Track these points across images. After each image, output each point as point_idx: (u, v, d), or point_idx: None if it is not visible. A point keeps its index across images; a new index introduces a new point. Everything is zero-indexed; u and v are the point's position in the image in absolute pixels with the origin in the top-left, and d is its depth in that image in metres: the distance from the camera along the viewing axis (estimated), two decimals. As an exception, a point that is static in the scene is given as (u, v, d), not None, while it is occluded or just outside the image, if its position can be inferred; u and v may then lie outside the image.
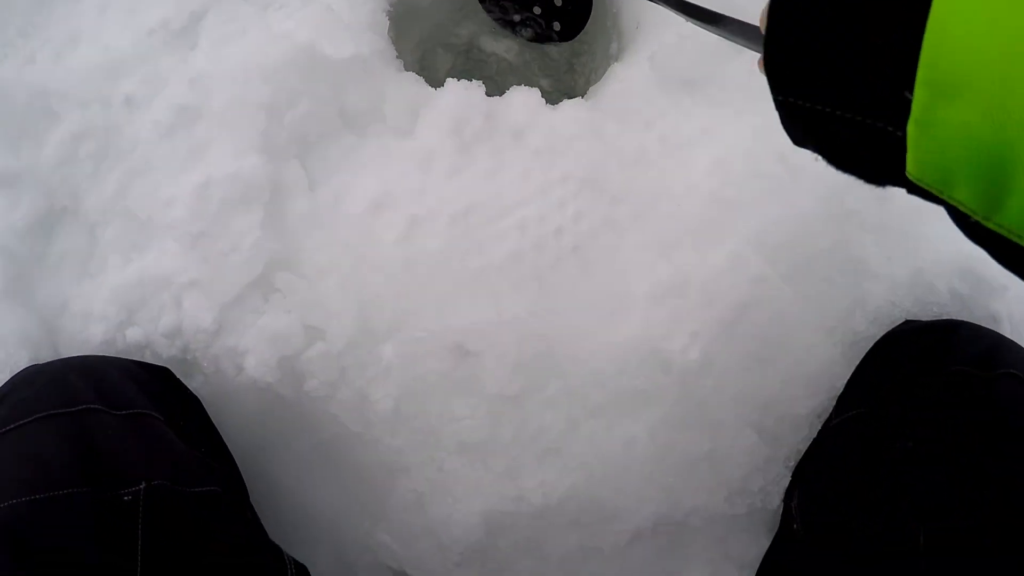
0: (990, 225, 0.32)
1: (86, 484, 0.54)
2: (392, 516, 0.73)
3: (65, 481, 0.54)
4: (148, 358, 0.73)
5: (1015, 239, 0.32)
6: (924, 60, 0.31)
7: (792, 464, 0.72)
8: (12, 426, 0.57)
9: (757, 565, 0.72)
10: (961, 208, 0.33)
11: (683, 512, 0.71)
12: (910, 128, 0.33)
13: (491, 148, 0.76)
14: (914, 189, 0.35)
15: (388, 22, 0.81)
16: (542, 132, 0.76)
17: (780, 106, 0.40)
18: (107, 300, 0.73)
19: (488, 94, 0.78)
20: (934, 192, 0.34)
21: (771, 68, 0.39)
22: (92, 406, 0.59)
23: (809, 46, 0.37)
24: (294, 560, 0.64)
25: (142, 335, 0.72)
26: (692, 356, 0.69)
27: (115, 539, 0.53)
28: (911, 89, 0.32)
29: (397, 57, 0.82)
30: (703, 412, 0.70)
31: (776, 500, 0.72)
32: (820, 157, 0.41)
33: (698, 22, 0.60)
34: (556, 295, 0.71)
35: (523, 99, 0.77)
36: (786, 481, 0.71)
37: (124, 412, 0.61)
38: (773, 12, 0.38)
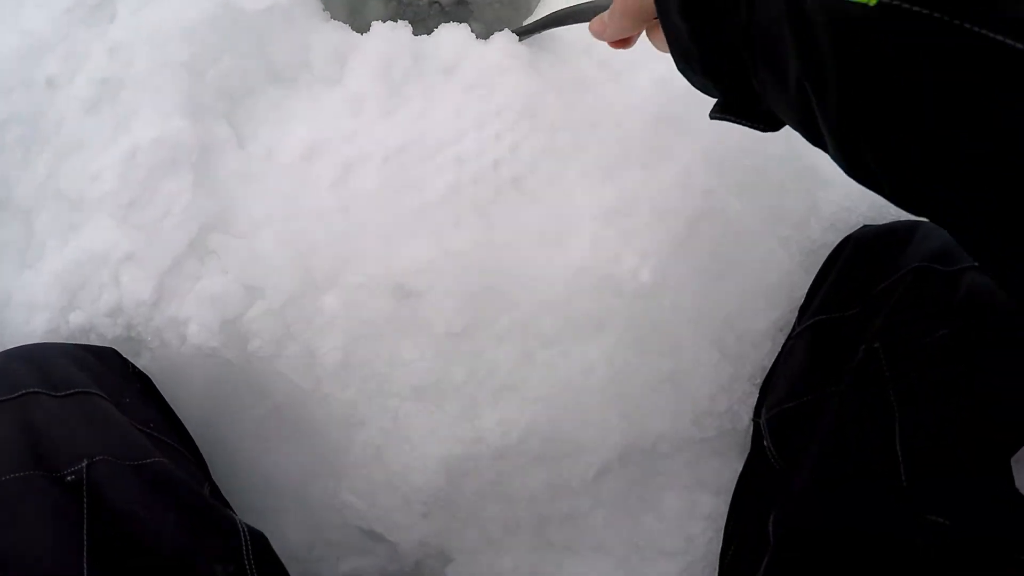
0: None
1: (36, 467, 0.54)
2: (353, 473, 0.72)
3: (13, 466, 0.53)
4: (94, 340, 0.72)
5: None
6: None
7: (759, 381, 0.70)
8: None
9: (731, 490, 0.70)
10: None
11: (650, 439, 0.69)
12: None
13: (422, 87, 0.74)
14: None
15: (309, -29, 0.80)
16: (474, 67, 0.75)
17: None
18: (48, 287, 0.72)
19: (418, 35, 0.77)
20: None
21: None
22: (32, 390, 0.59)
23: None
24: (249, 527, 0.63)
25: (85, 318, 0.71)
26: (644, 276, 0.68)
27: (62, 520, 0.52)
28: None
29: (324, 9, 0.81)
30: (661, 333, 0.68)
31: (745, 419, 0.70)
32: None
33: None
34: (499, 227, 0.70)
35: (452, 36, 0.76)
36: (753, 399, 0.70)
37: (65, 393, 0.60)
38: None
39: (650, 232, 0.68)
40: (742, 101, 0.49)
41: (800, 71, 0.37)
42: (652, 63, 0.74)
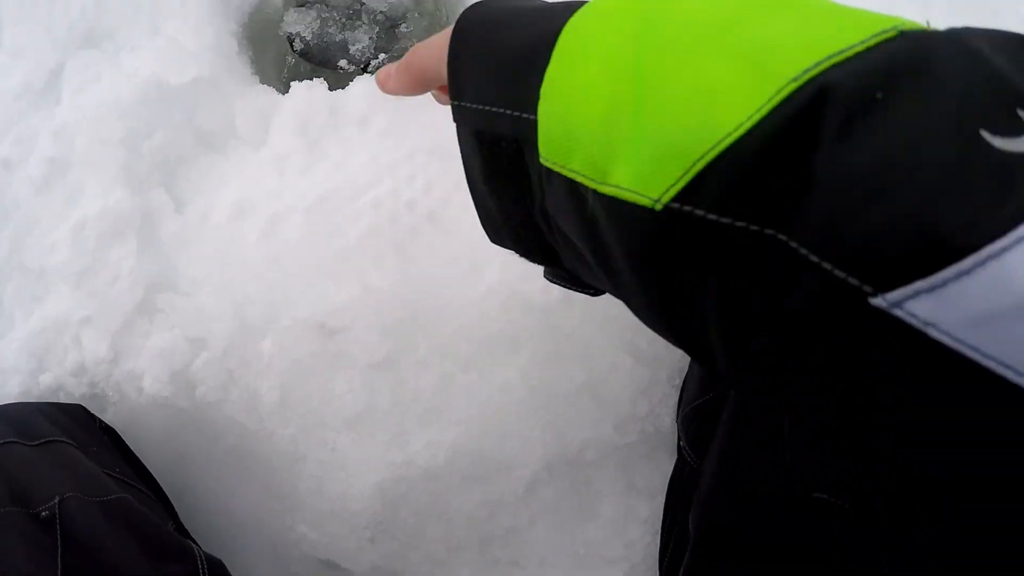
0: (605, 189, 0.32)
1: (13, 504, 0.60)
2: (303, 505, 0.77)
3: None
4: (63, 398, 0.79)
5: (631, 197, 0.31)
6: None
7: (677, 383, 0.73)
8: None
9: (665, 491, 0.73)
10: (580, 179, 0.34)
11: (574, 448, 0.73)
12: (540, 105, 0.36)
13: (338, 139, 0.80)
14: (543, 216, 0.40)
15: (235, 42, 0.87)
16: (385, 115, 0.81)
17: (456, 111, 0.44)
18: (18, 352, 0.79)
19: (335, 88, 0.84)
20: (557, 168, 0.35)
21: (451, 76, 0.43)
22: (8, 440, 0.66)
23: (479, 54, 0.41)
24: (206, 554, 0.69)
25: (53, 379, 0.79)
26: (552, 292, 0.72)
27: (39, 549, 0.59)
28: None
29: (254, 73, 0.88)
30: (573, 344, 0.72)
31: (667, 421, 0.73)
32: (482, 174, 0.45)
33: None
34: (416, 261, 0.75)
35: (363, 88, 0.82)
36: (674, 400, 0.72)
37: (37, 442, 0.67)
38: (454, 33, 0.43)
39: (556, 250, 0.72)
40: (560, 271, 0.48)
41: (593, 260, 0.37)
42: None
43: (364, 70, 0.89)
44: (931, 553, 0.30)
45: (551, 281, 0.54)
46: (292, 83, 0.83)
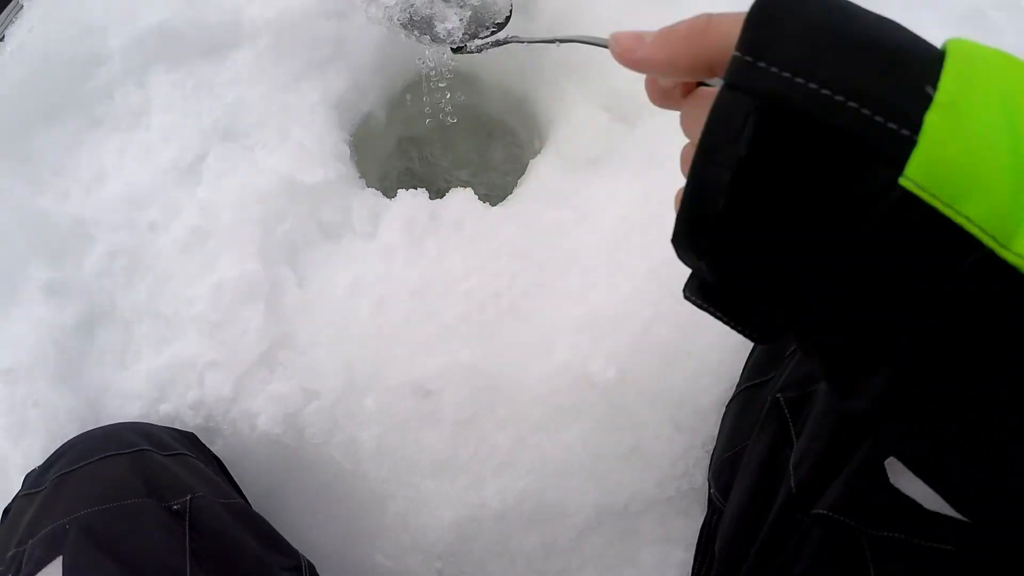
0: (1007, 255, 0.29)
1: (148, 497, 0.72)
2: (384, 537, 0.92)
3: (131, 494, 0.72)
4: (177, 426, 0.94)
5: None
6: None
7: (709, 448, 0.91)
8: (81, 464, 0.76)
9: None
10: (971, 229, 0.30)
11: (622, 500, 0.90)
12: (930, 116, 0.31)
13: (437, 239, 1.00)
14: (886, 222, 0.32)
15: (349, 149, 1.07)
16: (477, 222, 1.01)
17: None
18: (143, 381, 0.94)
19: (434, 197, 1.04)
20: (937, 204, 0.30)
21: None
22: (144, 448, 0.79)
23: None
24: (307, 559, 0.83)
25: (172, 408, 0.94)
26: (610, 372, 0.90)
27: (169, 533, 0.71)
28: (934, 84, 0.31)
29: (360, 177, 1.08)
30: (626, 416, 0.90)
31: (700, 480, 0.91)
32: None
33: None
34: (498, 342, 0.94)
35: (460, 198, 1.03)
36: (706, 462, 0.91)
37: (169, 453, 0.81)
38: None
39: (614, 337, 0.92)
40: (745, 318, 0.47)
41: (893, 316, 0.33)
42: (614, 206, 1.00)
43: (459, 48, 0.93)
44: None
45: (689, 297, 0.49)
46: (399, 190, 1.03)
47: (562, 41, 0.63)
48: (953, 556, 0.52)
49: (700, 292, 0.47)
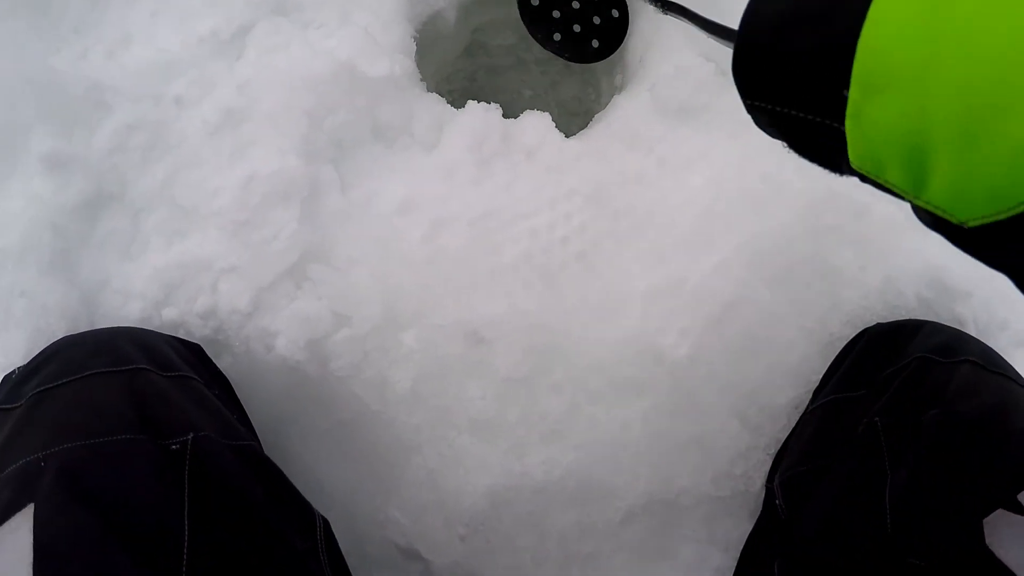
0: (919, 203, 0.39)
1: (142, 432, 0.61)
2: (404, 492, 0.82)
3: (121, 428, 0.60)
4: (181, 335, 0.82)
5: (941, 214, 0.38)
6: (857, 61, 0.39)
7: (772, 452, 0.83)
8: (65, 380, 0.64)
9: (739, 548, 0.82)
10: (895, 189, 0.40)
11: (673, 491, 0.82)
12: (847, 122, 0.41)
13: (507, 164, 0.88)
14: (860, 176, 0.43)
15: (415, 46, 0.94)
16: (552, 152, 0.89)
17: (749, 109, 0.51)
18: (147, 279, 0.81)
19: (507, 118, 0.92)
20: (871, 178, 0.41)
21: (738, 78, 0.50)
22: (141, 366, 0.67)
23: (767, 59, 0.47)
24: (321, 515, 0.73)
25: (177, 314, 0.81)
26: (682, 350, 0.81)
27: (165, 482, 0.60)
28: (848, 88, 0.40)
29: (421, 80, 0.95)
30: (692, 401, 0.81)
31: (757, 484, 0.83)
32: (788, 147, 0.52)
33: (705, 31, 0.72)
34: (562, 293, 0.83)
35: (535, 122, 0.91)
36: (766, 467, 0.83)
37: (170, 374, 0.69)
38: (740, 33, 0.49)
39: (691, 312, 0.82)
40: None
41: None
42: (704, 165, 0.89)
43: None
44: None
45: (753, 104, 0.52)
46: (469, 101, 0.90)
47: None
48: None
49: (769, 125, 0.52)
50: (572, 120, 0.97)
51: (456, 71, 1.09)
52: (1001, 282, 0.97)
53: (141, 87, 0.86)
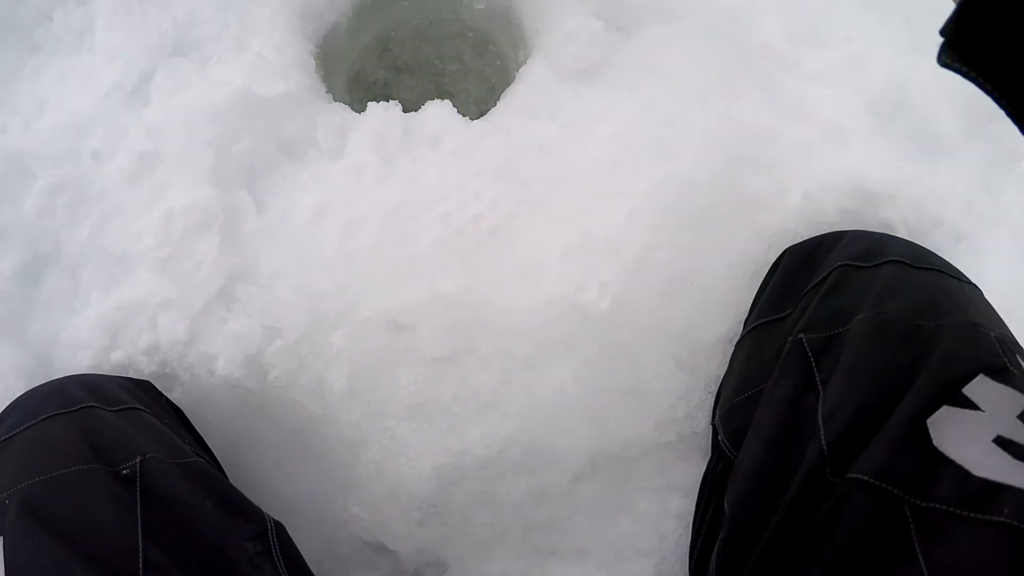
0: None
1: (95, 462, 0.67)
2: (360, 488, 0.85)
3: (75, 460, 0.66)
4: (132, 375, 0.87)
5: None
6: None
7: (713, 389, 0.83)
8: (22, 428, 0.70)
9: (698, 489, 0.82)
10: None
11: (618, 445, 0.83)
12: None
13: (412, 157, 0.91)
14: None
15: (314, 62, 0.98)
16: (455, 137, 0.92)
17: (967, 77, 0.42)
18: (92, 328, 0.87)
19: (408, 111, 0.95)
20: None
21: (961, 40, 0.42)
22: (89, 404, 0.72)
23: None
24: (273, 519, 0.76)
25: (125, 356, 0.87)
26: (604, 304, 0.82)
27: (119, 504, 0.65)
28: None
29: (327, 91, 0.99)
30: (622, 352, 0.82)
31: (703, 423, 0.83)
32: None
33: None
34: (480, 270, 0.85)
35: (436, 112, 0.94)
36: (710, 404, 0.83)
37: (117, 408, 0.74)
38: None
39: (608, 265, 0.83)
40: None
41: None
42: (608, 120, 0.90)
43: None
44: None
45: (948, 64, 0.44)
46: (369, 103, 0.94)
47: None
48: (1006, 527, 0.51)
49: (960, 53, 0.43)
50: (483, 108, 0.99)
51: (373, 72, 1.13)
52: (929, 179, 0.96)
53: (58, 149, 0.93)
